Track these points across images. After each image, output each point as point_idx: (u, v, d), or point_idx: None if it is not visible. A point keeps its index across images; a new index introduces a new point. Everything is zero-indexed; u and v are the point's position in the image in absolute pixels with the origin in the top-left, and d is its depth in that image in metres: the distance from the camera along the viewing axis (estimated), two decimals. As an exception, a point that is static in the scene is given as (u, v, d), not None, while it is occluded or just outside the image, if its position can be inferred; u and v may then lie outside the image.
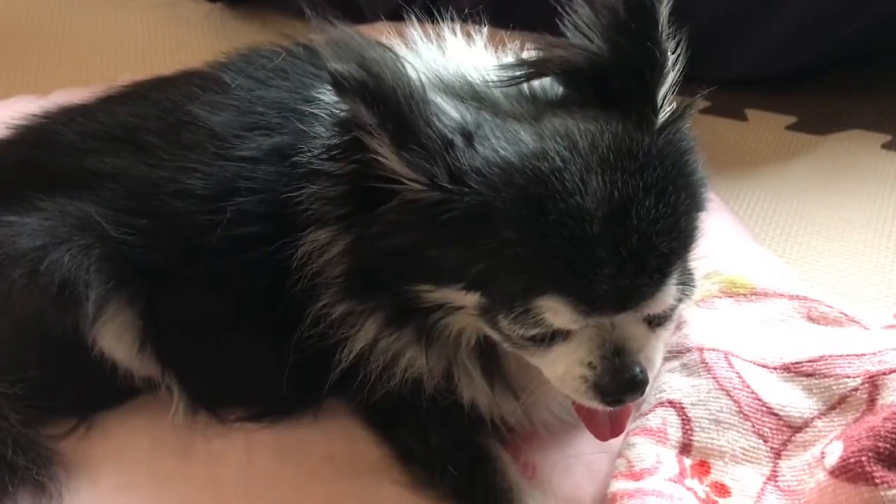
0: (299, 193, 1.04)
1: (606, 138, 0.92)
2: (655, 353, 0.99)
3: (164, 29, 2.63)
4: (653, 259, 0.90)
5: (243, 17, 2.65)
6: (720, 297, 1.25)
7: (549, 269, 0.89)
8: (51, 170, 1.21)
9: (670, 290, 0.93)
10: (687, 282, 0.96)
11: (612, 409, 1.00)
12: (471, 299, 0.98)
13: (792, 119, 2.04)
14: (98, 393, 1.23)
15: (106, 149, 1.21)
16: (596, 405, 0.98)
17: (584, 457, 1.14)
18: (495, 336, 1.01)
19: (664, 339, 1.01)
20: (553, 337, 0.95)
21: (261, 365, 1.18)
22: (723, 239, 1.40)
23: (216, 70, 1.28)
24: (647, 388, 0.98)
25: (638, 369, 0.95)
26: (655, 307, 0.94)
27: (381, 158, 0.93)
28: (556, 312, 0.91)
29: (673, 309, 0.98)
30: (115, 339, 1.16)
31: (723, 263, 1.30)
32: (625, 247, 0.88)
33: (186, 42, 2.55)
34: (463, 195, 0.91)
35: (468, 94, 1.04)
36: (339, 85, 0.91)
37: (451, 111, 0.97)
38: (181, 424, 1.22)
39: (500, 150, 0.92)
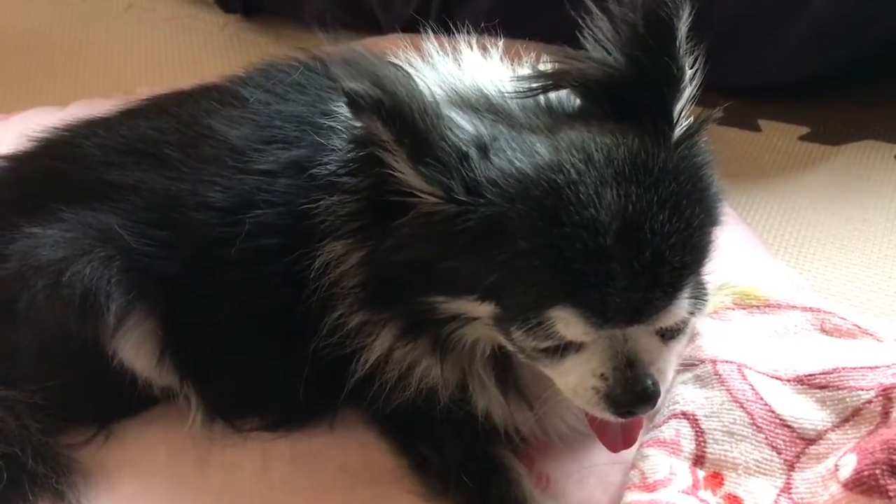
0: (317, 205, 1.06)
1: (622, 152, 0.93)
2: (668, 365, 0.99)
3: (180, 41, 2.66)
4: (665, 273, 0.91)
5: (258, 29, 2.68)
6: (733, 309, 1.25)
7: (562, 281, 0.90)
8: (73, 182, 1.23)
9: (682, 304, 0.94)
10: (699, 295, 0.97)
11: (623, 420, 1.00)
12: (485, 310, 0.99)
13: (805, 130, 2.04)
14: (117, 402, 1.24)
15: (127, 162, 1.23)
16: (608, 416, 0.99)
17: (598, 468, 1.15)
18: (509, 346, 1.02)
19: (677, 352, 1.02)
20: (566, 348, 0.96)
21: (277, 375, 1.19)
22: (736, 251, 1.40)
23: (235, 85, 1.30)
24: (659, 401, 0.98)
25: (650, 381, 0.95)
26: (667, 320, 0.95)
27: (397, 173, 0.94)
28: (567, 324, 0.92)
29: (685, 322, 0.98)
30: (135, 350, 1.18)
31: (736, 275, 1.30)
32: (638, 260, 0.89)
33: (202, 54, 2.58)
34: (478, 206, 0.92)
35: (484, 106, 1.05)
36: (355, 104, 0.93)
37: (465, 125, 0.98)
38: (198, 434, 1.24)
39: (516, 161, 0.93)
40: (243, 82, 1.29)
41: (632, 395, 0.95)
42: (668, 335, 0.98)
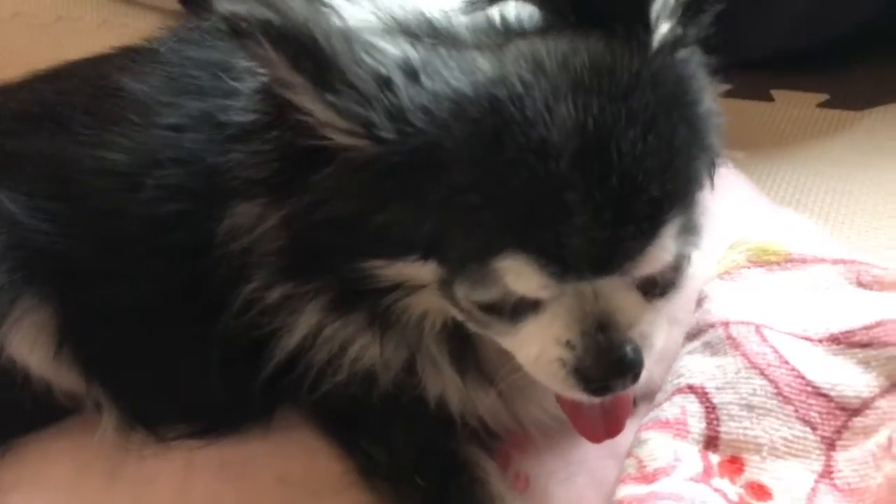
0: (226, 159, 0.89)
1: (581, 57, 0.75)
2: (653, 328, 0.79)
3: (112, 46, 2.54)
4: (640, 204, 0.72)
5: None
6: (748, 268, 1.04)
7: (508, 221, 0.73)
8: (-36, 156, 1.07)
9: (666, 246, 0.74)
10: (690, 232, 0.77)
11: (600, 399, 0.80)
12: (430, 272, 0.81)
13: (824, 97, 1.90)
14: (11, 413, 1.04)
15: (23, 129, 1.08)
16: (579, 395, 0.79)
17: (589, 463, 0.95)
18: (457, 314, 0.84)
19: (666, 313, 0.81)
20: (519, 310, 0.77)
21: (197, 369, 0.99)
22: (745, 206, 1.22)
23: (153, 42, 1.13)
24: (643, 374, 0.78)
25: (628, 348, 0.76)
26: (648, 267, 0.75)
27: (305, 116, 0.77)
28: (519, 276, 0.73)
29: (676, 270, 0.79)
30: (28, 343, 1.00)
31: (749, 230, 1.10)
32: (602, 189, 0.71)
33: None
34: (406, 137, 0.74)
35: (425, 31, 0.87)
36: (236, 28, 0.75)
37: (389, 48, 0.80)
38: (112, 444, 1.04)
39: (452, 80, 0.76)
40: (162, 38, 1.12)
41: (606, 366, 0.75)
42: (653, 290, 0.79)
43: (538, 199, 0.71)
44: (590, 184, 0.71)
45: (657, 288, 0.78)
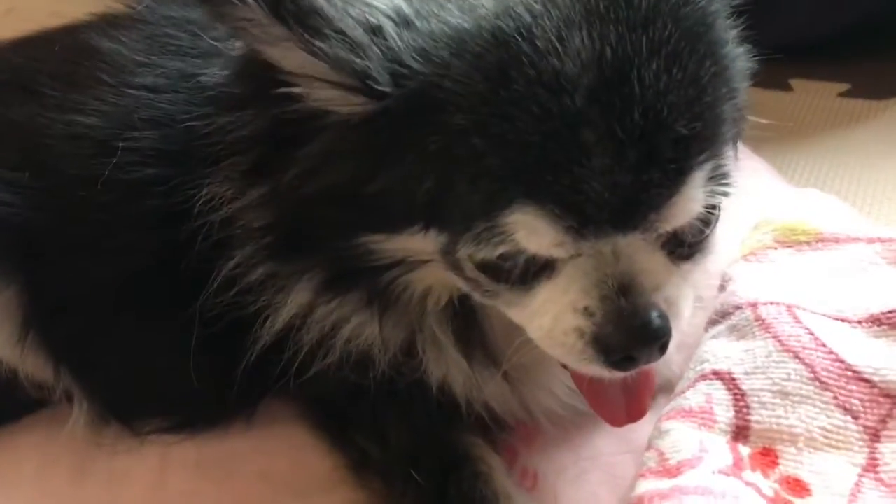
0: (206, 123, 0.82)
1: None
2: (680, 293, 0.70)
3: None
4: (666, 143, 0.64)
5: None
6: (775, 249, 0.95)
7: (517, 167, 0.65)
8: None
9: (693, 195, 0.66)
10: (720, 181, 0.68)
11: (623, 374, 0.71)
12: (432, 242, 0.72)
13: (845, 86, 1.84)
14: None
15: None
16: (600, 371, 0.70)
17: (604, 458, 0.87)
18: (464, 286, 0.75)
19: (693, 279, 0.73)
20: (530, 274, 0.69)
21: (172, 353, 0.90)
22: (769, 189, 1.13)
23: (133, 6, 1.06)
24: (670, 345, 0.69)
25: (654, 314, 0.67)
26: (674, 220, 0.67)
27: (292, 84, 0.69)
28: (531, 231, 0.65)
29: (705, 227, 0.70)
30: (-8, 326, 0.92)
31: (775, 210, 1.01)
32: (623, 126, 0.63)
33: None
34: (401, 82, 0.66)
35: None
36: None
37: (377, 2, 0.71)
38: (83, 439, 0.96)
39: (451, 19, 0.68)
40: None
41: (629, 334, 0.67)
42: (680, 251, 0.70)
43: (551, 140, 0.63)
44: (610, 120, 0.63)
45: (684, 248, 0.70)
